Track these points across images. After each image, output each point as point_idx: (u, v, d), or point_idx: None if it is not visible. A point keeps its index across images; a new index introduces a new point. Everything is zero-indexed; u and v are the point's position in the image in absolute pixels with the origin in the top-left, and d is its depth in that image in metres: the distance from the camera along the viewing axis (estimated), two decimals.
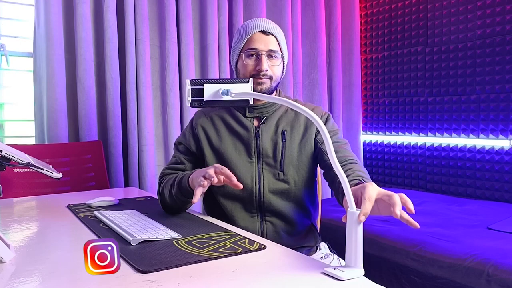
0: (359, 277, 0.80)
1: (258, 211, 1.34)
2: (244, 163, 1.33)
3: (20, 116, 2.51)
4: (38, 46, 2.36)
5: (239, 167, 1.33)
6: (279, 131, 1.35)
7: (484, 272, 1.66)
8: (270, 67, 1.31)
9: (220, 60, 2.84)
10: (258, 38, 1.31)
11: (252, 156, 1.34)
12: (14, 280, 0.78)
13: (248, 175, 1.33)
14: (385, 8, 3.44)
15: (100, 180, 2.29)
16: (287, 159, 1.33)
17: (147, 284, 0.76)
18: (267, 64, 1.30)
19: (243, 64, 1.33)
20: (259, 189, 1.32)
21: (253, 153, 1.34)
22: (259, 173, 1.33)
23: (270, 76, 1.32)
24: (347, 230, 0.82)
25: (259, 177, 1.33)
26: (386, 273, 2.01)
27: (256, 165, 1.33)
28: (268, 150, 1.33)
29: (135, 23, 2.52)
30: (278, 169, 1.33)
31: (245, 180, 1.32)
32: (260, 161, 1.33)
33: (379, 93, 3.51)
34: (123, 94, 2.54)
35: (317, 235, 1.43)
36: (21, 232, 1.12)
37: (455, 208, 2.57)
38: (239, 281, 0.78)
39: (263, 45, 1.30)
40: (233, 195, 1.34)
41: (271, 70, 1.32)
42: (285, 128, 1.36)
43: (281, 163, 1.33)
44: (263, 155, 1.33)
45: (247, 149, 1.34)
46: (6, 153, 1.07)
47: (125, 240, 1.00)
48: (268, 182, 1.33)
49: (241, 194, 1.33)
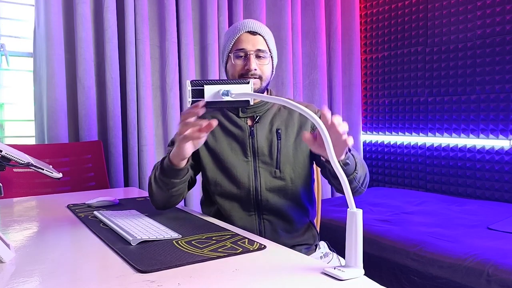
0: (359, 277, 0.80)
1: (255, 209, 1.35)
2: (240, 163, 1.34)
3: (20, 116, 2.51)
4: (38, 46, 2.36)
5: (235, 166, 1.34)
6: (274, 130, 1.36)
7: (484, 272, 1.66)
8: (259, 66, 1.32)
9: (220, 60, 2.84)
10: (245, 38, 1.32)
11: (248, 155, 1.35)
12: (14, 280, 0.78)
13: (244, 174, 1.34)
14: (385, 8, 3.44)
15: (100, 180, 2.29)
16: (283, 157, 1.35)
17: (147, 284, 0.76)
18: (256, 64, 1.31)
19: (232, 64, 1.34)
20: (256, 187, 1.33)
21: (249, 152, 1.35)
22: (256, 172, 1.34)
23: (260, 75, 1.32)
24: (347, 230, 0.82)
25: (255, 176, 1.34)
26: (386, 273, 2.01)
27: (252, 164, 1.35)
28: (264, 149, 1.35)
29: (135, 23, 2.52)
30: (274, 167, 1.34)
31: (242, 179, 1.33)
32: (256, 159, 1.35)
33: (379, 93, 3.51)
34: (123, 94, 2.54)
35: (315, 233, 1.44)
36: (21, 232, 1.12)
37: (455, 208, 2.57)
38: (239, 281, 0.78)
39: (250, 45, 1.32)
40: (230, 194, 1.34)
41: (260, 70, 1.32)
42: (279, 126, 1.37)
43: (277, 161, 1.34)
44: (258, 154, 1.35)
45: (243, 148, 1.35)
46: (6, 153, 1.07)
47: (125, 240, 1.00)
48: (265, 180, 1.34)
49: (239, 193, 1.34)
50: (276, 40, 3.06)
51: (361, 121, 3.56)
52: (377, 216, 2.41)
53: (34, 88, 2.39)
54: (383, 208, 2.60)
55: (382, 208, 2.61)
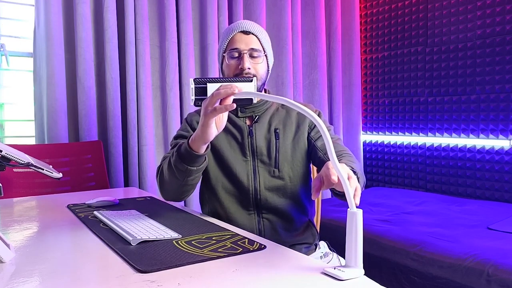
0: (359, 277, 0.80)
1: (254, 208, 1.35)
2: (239, 162, 1.35)
3: (20, 116, 2.51)
4: (38, 46, 2.36)
5: (235, 165, 1.35)
6: (272, 129, 1.37)
7: (484, 272, 1.66)
8: (253, 65, 1.32)
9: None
10: (239, 38, 1.33)
11: (246, 155, 1.36)
12: (14, 280, 0.78)
13: (244, 173, 1.34)
14: (385, 8, 3.44)
15: (100, 180, 2.29)
16: (282, 156, 1.36)
17: (147, 284, 0.76)
18: (249, 63, 1.31)
19: (226, 64, 1.34)
20: (255, 186, 1.34)
21: (248, 151, 1.36)
22: (255, 171, 1.35)
23: (254, 74, 1.32)
24: (347, 230, 0.82)
25: (254, 175, 1.35)
26: (386, 273, 2.01)
27: (251, 163, 1.35)
28: (263, 148, 1.36)
29: (135, 23, 2.52)
30: (273, 166, 1.35)
31: (241, 178, 1.34)
32: (255, 159, 1.36)
33: (379, 93, 3.51)
34: (123, 94, 2.54)
35: (315, 232, 1.44)
36: (21, 232, 1.12)
37: (455, 208, 2.57)
38: (239, 281, 0.78)
39: (244, 44, 1.32)
40: (230, 191, 1.36)
41: (254, 69, 1.33)
42: (277, 126, 1.38)
43: (276, 160, 1.35)
44: (257, 153, 1.35)
45: (242, 148, 1.36)
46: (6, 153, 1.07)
47: (125, 240, 1.00)
48: (264, 179, 1.35)
49: (238, 191, 1.35)
50: (276, 40, 3.07)
51: (361, 121, 3.56)
52: (377, 216, 2.41)
53: (34, 88, 2.39)
54: (383, 208, 2.60)
55: (382, 208, 2.61)
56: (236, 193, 1.35)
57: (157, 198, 1.57)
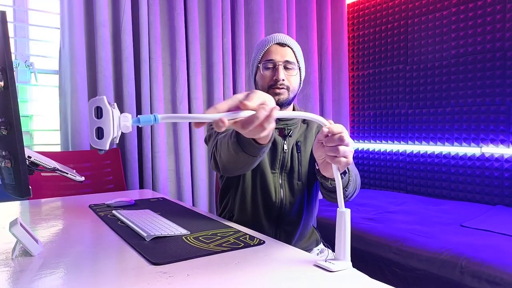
0: (347, 269, 0.80)
1: (275, 220, 1.26)
2: (269, 174, 1.25)
3: (47, 126, 2.52)
4: (63, 64, 2.37)
5: (267, 177, 1.24)
6: (294, 142, 1.27)
7: (458, 264, 1.66)
8: (287, 77, 1.22)
9: (224, 77, 2.85)
10: (274, 49, 1.23)
11: (276, 168, 1.25)
12: (42, 271, 0.78)
13: (272, 186, 1.24)
14: (370, 31, 3.46)
15: (118, 182, 2.29)
16: (303, 168, 1.26)
17: (160, 275, 0.76)
18: (284, 74, 1.21)
19: (261, 75, 1.24)
20: (281, 200, 1.24)
21: (277, 165, 1.25)
22: (282, 185, 1.25)
23: (287, 86, 1.22)
24: (337, 227, 0.83)
25: (281, 188, 1.25)
26: (371, 265, 2.00)
27: (278, 177, 1.25)
28: (288, 162, 1.25)
29: (149, 44, 2.54)
30: (296, 179, 1.25)
31: (270, 190, 1.24)
32: (282, 172, 1.25)
33: (365, 106, 3.52)
34: (139, 107, 2.54)
35: (318, 238, 1.37)
36: (48, 229, 1.12)
37: (432, 208, 2.57)
38: (241, 272, 0.78)
39: (279, 56, 1.22)
40: (256, 204, 1.26)
41: (288, 81, 1.22)
42: (299, 139, 1.28)
43: (299, 173, 1.25)
44: (285, 168, 1.26)
45: (272, 161, 1.25)
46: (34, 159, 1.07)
47: (140, 236, 1.00)
48: (289, 193, 1.25)
49: (264, 204, 1.25)
50: None
51: (349, 131, 3.56)
52: (363, 215, 2.40)
53: (59, 101, 2.40)
54: (368, 208, 2.60)
55: (367, 207, 2.61)
56: (262, 205, 1.25)
57: (169, 199, 1.58)
